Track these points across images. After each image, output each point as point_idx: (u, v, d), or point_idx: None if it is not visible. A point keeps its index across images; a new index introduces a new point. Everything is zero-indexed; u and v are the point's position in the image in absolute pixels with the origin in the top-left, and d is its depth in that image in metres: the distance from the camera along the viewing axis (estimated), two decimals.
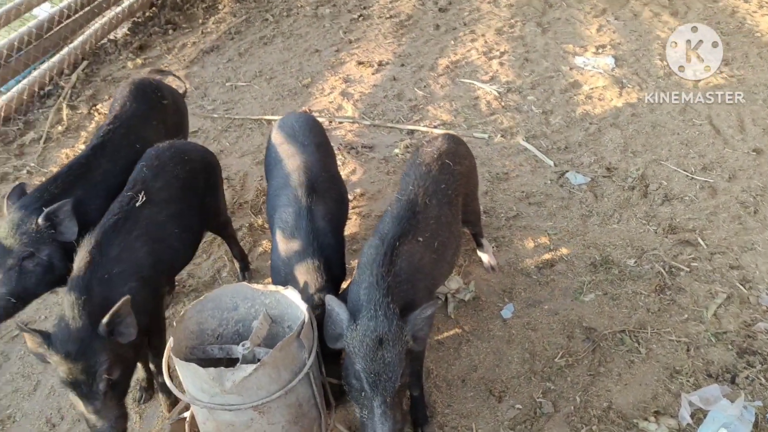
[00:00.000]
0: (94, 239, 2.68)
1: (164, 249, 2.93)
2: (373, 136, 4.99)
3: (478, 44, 6.07)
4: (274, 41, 6.63)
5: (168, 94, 3.77)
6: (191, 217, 3.13)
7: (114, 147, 3.29)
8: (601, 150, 4.51)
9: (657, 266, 3.57)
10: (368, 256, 2.60)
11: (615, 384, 3.02)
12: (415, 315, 2.40)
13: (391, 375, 2.33)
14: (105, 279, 2.61)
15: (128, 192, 2.88)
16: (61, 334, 2.43)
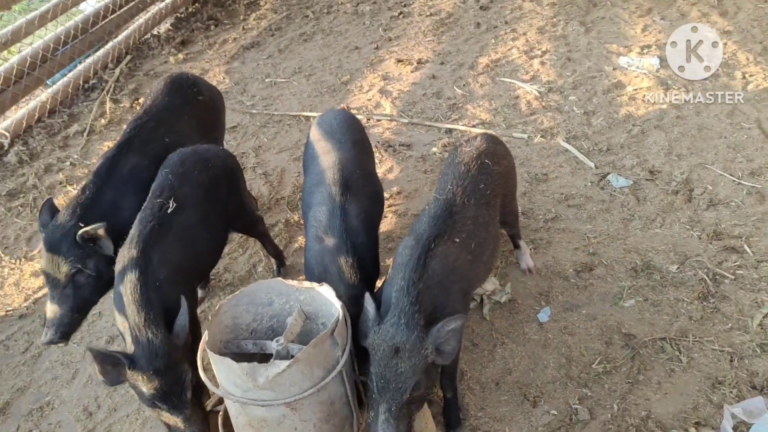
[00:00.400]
0: (136, 251, 2.66)
1: (195, 253, 2.94)
2: (410, 135, 4.96)
3: (519, 43, 5.99)
4: (314, 38, 6.64)
5: (205, 90, 3.78)
6: (216, 220, 3.13)
7: (142, 141, 3.31)
8: (644, 152, 4.40)
9: (700, 273, 3.46)
10: (402, 257, 2.58)
11: (654, 393, 2.93)
12: (438, 327, 2.35)
13: (401, 385, 2.31)
14: (158, 287, 2.61)
15: (157, 199, 2.87)
16: (144, 352, 2.44)
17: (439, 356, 2.38)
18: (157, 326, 2.49)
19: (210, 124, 3.76)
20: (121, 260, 2.68)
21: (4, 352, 3.59)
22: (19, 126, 5.31)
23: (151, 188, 2.97)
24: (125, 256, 2.68)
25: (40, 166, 5.03)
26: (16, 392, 3.36)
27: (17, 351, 3.59)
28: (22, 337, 3.66)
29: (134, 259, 2.62)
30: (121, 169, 3.15)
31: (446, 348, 2.38)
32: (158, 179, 3.00)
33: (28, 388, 3.37)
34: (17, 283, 4.04)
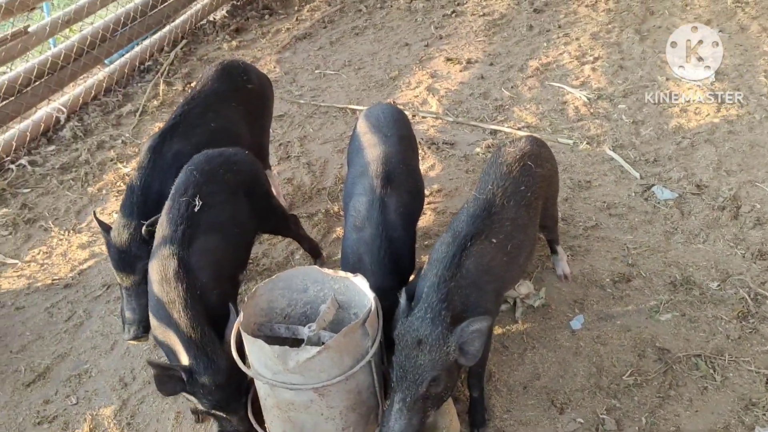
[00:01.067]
0: (174, 258, 2.65)
1: (226, 252, 2.94)
2: (455, 133, 4.96)
3: (571, 48, 5.92)
4: (366, 32, 6.68)
5: (255, 78, 3.83)
6: (243, 221, 3.11)
7: (188, 126, 3.37)
8: (692, 166, 4.32)
9: (741, 292, 3.39)
10: (438, 253, 2.60)
11: (685, 409, 2.89)
12: (462, 326, 2.36)
13: (418, 378, 2.34)
14: (200, 295, 2.63)
15: (182, 198, 2.85)
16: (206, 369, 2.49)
17: (462, 356, 2.39)
18: (213, 341, 2.53)
19: (258, 112, 3.81)
20: (158, 267, 2.67)
21: (48, 319, 3.72)
22: (76, 102, 5.48)
23: (175, 186, 2.94)
24: (161, 262, 2.67)
25: (93, 142, 5.19)
26: (56, 358, 3.48)
27: (60, 319, 3.71)
28: (65, 306, 3.78)
29: (174, 269, 2.62)
30: (165, 156, 3.22)
31: (470, 348, 2.38)
32: (182, 176, 2.96)
33: (68, 355, 3.49)
34: (65, 253, 4.18)
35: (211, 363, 2.51)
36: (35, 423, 3.15)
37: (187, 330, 2.51)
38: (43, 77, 5.25)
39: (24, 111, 5.17)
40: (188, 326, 2.52)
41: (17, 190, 4.76)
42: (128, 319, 3.07)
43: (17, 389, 3.33)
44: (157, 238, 2.78)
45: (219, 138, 3.35)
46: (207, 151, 3.13)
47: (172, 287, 2.58)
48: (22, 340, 3.60)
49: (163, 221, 2.80)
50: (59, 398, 3.27)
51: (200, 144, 3.23)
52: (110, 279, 3.93)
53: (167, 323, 2.56)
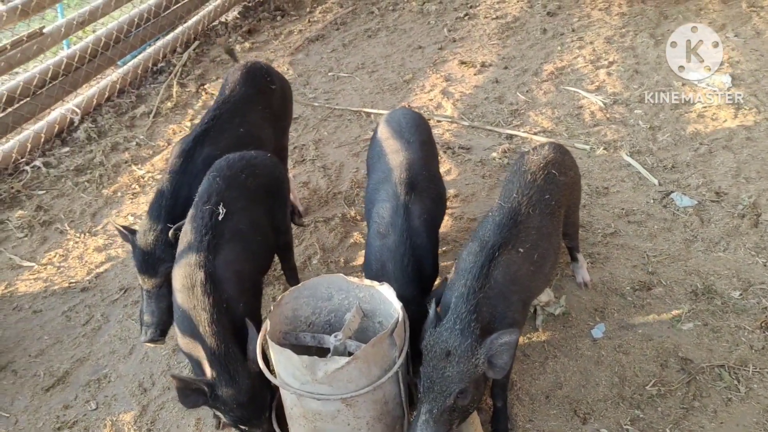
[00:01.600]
0: (201, 270, 2.62)
1: (250, 260, 2.91)
2: (470, 138, 4.95)
3: (585, 52, 5.90)
4: (378, 35, 6.67)
5: (277, 80, 3.84)
6: (266, 227, 3.08)
7: (218, 130, 3.38)
8: (710, 173, 4.29)
9: (764, 301, 3.37)
10: (465, 263, 2.59)
11: (710, 421, 2.87)
12: (492, 339, 2.35)
13: (446, 389, 2.33)
14: (226, 308, 2.60)
15: (206, 206, 2.82)
16: (228, 386, 2.48)
17: (491, 369, 2.38)
18: (236, 359, 2.51)
19: (280, 113, 3.82)
20: (183, 277, 2.64)
21: (66, 323, 3.71)
22: (90, 104, 5.47)
23: (198, 193, 2.93)
24: (187, 272, 2.63)
25: (107, 144, 5.18)
26: (75, 362, 3.47)
27: (78, 323, 3.71)
28: (83, 310, 3.78)
29: (201, 281, 2.59)
30: (196, 161, 3.22)
31: (499, 361, 2.37)
32: (205, 184, 2.94)
33: (87, 360, 3.49)
34: (81, 256, 4.17)
35: (233, 382, 2.48)
36: (55, 428, 3.14)
37: (211, 345, 2.49)
38: (58, 78, 5.25)
39: (39, 112, 5.16)
40: (213, 341, 2.49)
41: (32, 192, 4.75)
42: (146, 321, 3.06)
43: (36, 394, 3.32)
44: (181, 246, 2.76)
45: (246, 142, 3.35)
46: (228, 155, 3.11)
47: (198, 300, 2.55)
48: (40, 344, 3.59)
49: (187, 229, 2.78)
50: (79, 403, 3.26)
51: (228, 148, 3.22)
52: (127, 283, 3.92)
53: (192, 335, 2.53)
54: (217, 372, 2.48)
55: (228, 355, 2.50)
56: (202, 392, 2.47)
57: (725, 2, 6.37)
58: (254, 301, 2.87)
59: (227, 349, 2.50)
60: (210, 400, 2.49)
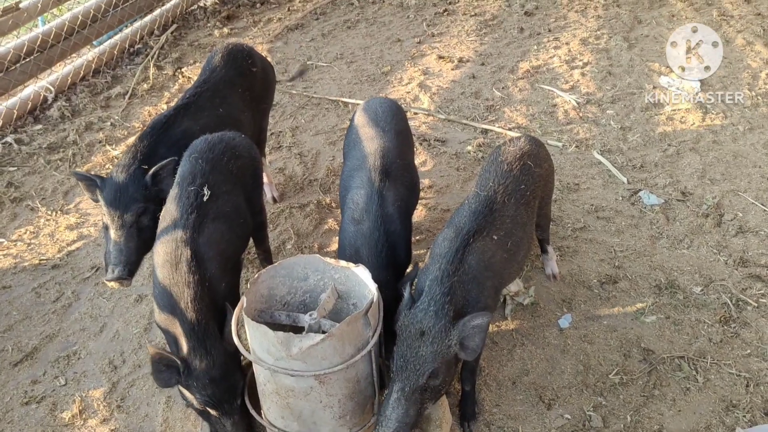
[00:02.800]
0: (186, 247, 2.62)
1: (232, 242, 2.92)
2: (446, 131, 5.01)
3: (561, 52, 6.01)
4: (358, 26, 6.70)
5: (259, 62, 3.86)
6: (244, 209, 3.11)
7: (198, 108, 3.42)
8: (677, 173, 4.42)
9: (724, 297, 3.50)
10: (440, 248, 2.65)
11: (668, 409, 2.98)
12: (464, 321, 2.41)
13: (419, 368, 2.38)
14: (209, 287, 2.61)
15: (191, 186, 2.82)
16: (202, 361, 2.48)
17: (462, 351, 2.44)
18: (214, 336, 2.52)
19: (261, 95, 3.84)
20: (167, 253, 2.64)
21: (36, 300, 3.68)
22: (64, 82, 5.41)
23: (180, 174, 2.92)
24: (172, 248, 2.63)
25: (81, 123, 5.13)
26: (44, 339, 3.45)
27: (48, 299, 3.68)
28: (53, 287, 3.75)
29: (187, 258, 2.60)
30: (175, 129, 3.26)
31: (470, 343, 2.43)
32: (187, 165, 2.93)
33: (56, 336, 3.47)
34: (52, 234, 4.13)
35: (208, 356, 2.49)
36: (23, 403, 3.12)
37: (191, 320, 2.50)
38: (33, 55, 5.18)
39: (12, 88, 5.09)
40: (193, 317, 2.50)
41: (3, 168, 4.69)
42: (113, 258, 2.98)
43: (4, 368, 3.30)
44: (164, 223, 2.77)
45: (225, 123, 3.38)
46: (207, 136, 3.11)
47: (182, 276, 2.56)
48: (8, 320, 3.56)
49: (171, 208, 2.78)
50: (47, 379, 3.24)
51: (207, 127, 3.25)
52: (99, 261, 3.90)
53: (172, 311, 2.54)
54: (193, 346, 2.49)
55: (206, 331, 2.51)
56: (176, 369, 2.47)
57: (697, 10, 6.55)
58: (235, 281, 2.89)
59: (206, 326, 2.52)
60: (183, 378, 2.49)
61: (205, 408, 2.57)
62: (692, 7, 6.60)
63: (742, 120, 4.93)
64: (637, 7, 6.74)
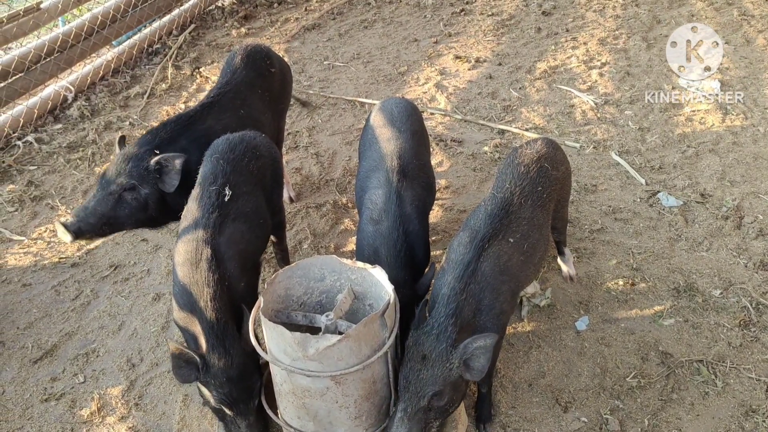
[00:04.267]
0: (207, 246, 2.63)
1: (252, 242, 2.94)
2: (463, 131, 5.00)
3: (579, 52, 5.98)
4: (374, 26, 6.70)
5: (276, 63, 3.89)
6: (265, 209, 3.12)
7: (221, 108, 3.47)
8: (696, 175, 4.38)
9: (744, 300, 3.46)
10: (456, 254, 2.63)
11: (687, 413, 2.95)
12: (466, 343, 2.38)
13: (420, 391, 2.38)
14: (228, 287, 2.62)
15: (212, 186, 2.85)
16: (220, 359, 2.50)
17: (467, 372, 2.42)
18: (232, 336, 2.54)
19: (279, 96, 3.87)
20: (187, 251, 2.65)
21: (55, 297, 3.72)
22: (84, 82, 5.47)
23: (201, 174, 2.95)
24: (193, 247, 2.65)
25: (100, 122, 5.18)
26: (63, 336, 3.48)
27: (67, 297, 3.72)
28: (73, 285, 3.79)
29: (207, 257, 2.61)
30: (199, 126, 3.31)
31: (475, 364, 2.40)
32: (209, 165, 2.96)
33: (75, 334, 3.50)
34: None
35: (227, 354, 2.52)
36: (42, 399, 3.16)
37: (210, 319, 2.52)
38: (53, 55, 5.23)
39: (33, 88, 5.15)
40: (212, 315, 2.52)
41: (23, 167, 4.74)
42: (76, 210, 3.07)
43: (24, 365, 3.34)
44: (185, 222, 2.79)
45: (246, 125, 3.41)
46: (228, 136, 3.14)
47: (202, 275, 2.58)
48: (28, 317, 3.60)
49: (192, 207, 2.81)
50: (66, 376, 3.28)
51: (227, 127, 3.29)
52: (118, 260, 3.94)
53: (191, 309, 2.56)
54: (212, 345, 2.51)
55: (225, 330, 2.53)
56: (195, 365, 2.50)
57: (717, 9, 6.48)
58: (254, 281, 2.91)
59: (225, 325, 2.54)
60: (201, 375, 2.52)
61: (221, 406, 2.58)
62: (712, 7, 6.54)
63: (762, 121, 4.87)
64: (656, 6, 6.68)
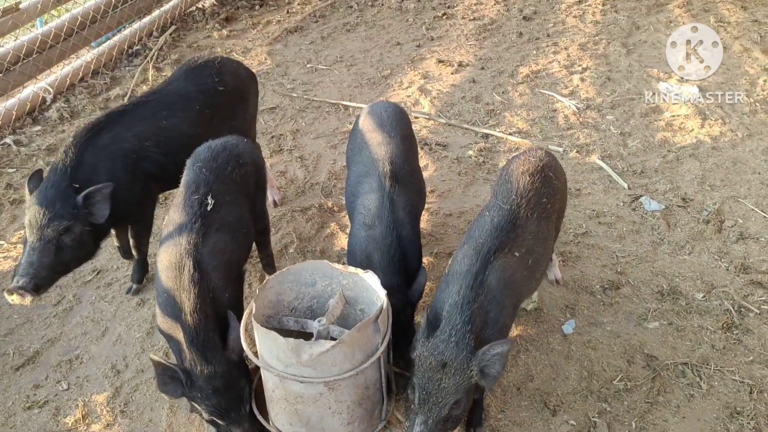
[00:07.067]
0: (188, 257, 2.60)
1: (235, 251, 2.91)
2: (447, 135, 5.02)
3: (560, 57, 6.03)
4: (357, 29, 6.70)
5: (231, 82, 3.72)
6: (248, 217, 3.10)
7: (136, 116, 3.37)
8: (677, 179, 4.45)
9: (726, 303, 3.52)
10: (460, 266, 2.58)
11: (672, 415, 2.99)
12: (484, 350, 2.36)
13: (441, 400, 2.35)
14: (212, 298, 2.59)
15: (194, 195, 2.83)
16: (203, 372, 2.46)
17: (483, 379, 2.40)
18: (215, 347, 2.50)
19: (229, 113, 3.72)
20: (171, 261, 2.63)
21: (37, 303, 3.63)
22: (63, 83, 5.38)
23: (183, 182, 2.93)
24: (176, 257, 2.62)
25: (80, 124, 5.07)
26: (46, 343, 3.42)
27: (49, 303, 3.65)
28: (54, 290, 3.70)
29: (189, 268, 2.58)
30: (104, 134, 3.22)
31: (491, 371, 2.39)
32: (191, 174, 2.93)
33: (58, 340, 3.44)
34: None
35: (210, 366, 2.48)
36: (25, 407, 3.10)
37: (192, 331, 2.48)
38: (32, 56, 5.15)
39: (11, 89, 5.06)
40: (194, 328, 2.48)
41: (2, 170, 4.66)
42: (22, 269, 2.94)
43: (6, 373, 3.27)
44: (168, 231, 2.75)
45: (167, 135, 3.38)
46: (210, 143, 3.10)
47: (184, 287, 2.54)
48: (9, 324, 3.53)
49: (174, 217, 2.77)
50: (50, 383, 3.22)
51: (143, 136, 3.29)
52: (100, 264, 3.89)
53: (174, 319, 2.52)
54: (194, 357, 2.47)
55: (206, 341, 2.49)
56: (180, 381, 2.46)
57: (694, 16, 6.58)
58: (239, 290, 2.88)
59: (206, 336, 2.50)
60: (187, 389, 2.48)
61: (212, 417, 2.55)
62: (689, 13, 6.64)
63: (740, 126, 4.96)
64: (634, 12, 6.78)
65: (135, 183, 3.31)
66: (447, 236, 4.04)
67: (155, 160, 3.36)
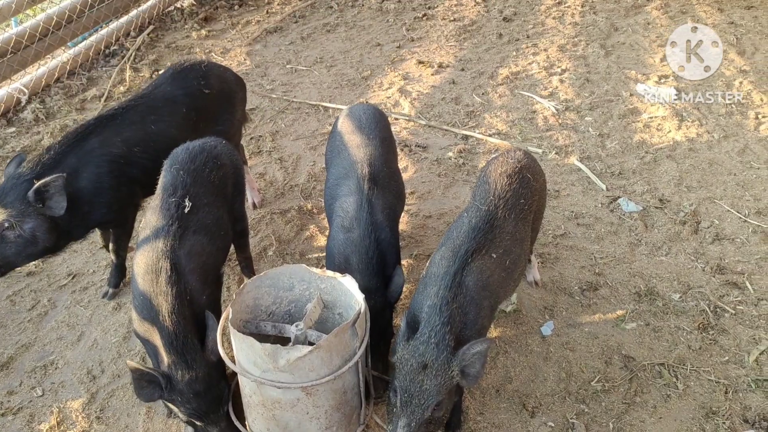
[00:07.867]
0: (166, 260, 2.58)
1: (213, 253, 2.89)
2: (427, 137, 5.02)
3: (539, 58, 6.06)
4: (337, 30, 6.68)
5: (216, 84, 3.71)
6: (226, 219, 3.08)
7: (125, 120, 3.34)
8: (655, 180, 4.49)
9: (702, 304, 3.55)
10: (438, 268, 2.58)
11: (650, 416, 3.02)
12: (464, 350, 2.37)
13: (424, 402, 2.35)
14: (189, 300, 2.56)
15: (171, 198, 2.80)
16: (183, 375, 2.43)
17: (464, 379, 2.41)
18: (194, 349, 2.47)
19: (215, 117, 3.70)
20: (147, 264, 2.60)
21: (11, 308, 3.60)
22: (38, 84, 5.31)
23: (161, 185, 2.91)
24: (153, 260, 2.60)
25: (55, 125, 5.03)
26: (20, 348, 3.37)
27: (23, 308, 3.60)
28: (29, 295, 3.67)
29: (167, 270, 2.56)
30: (91, 139, 3.19)
31: (471, 371, 2.39)
32: (168, 176, 2.91)
33: (32, 346, 3.39)
34: None
35: (190, 370, 2.46)
36: None
37: (170, 334, 2.45)
38: (6, 56, 5.07)
39: None
40: (172, 330, 2.45)
41: None
42: None
43: None
44: (145, 233, 2.72)
45: (155, 140, 3.35)
46: (188, 144, 3.07)
47: (161, 289, 2.51)
48: None
49: (151, 219, 2.74)
50: (24, 389, 3.17)
51: (133, 140, 3.26)
52: (76, 268, 3.84)
53: (152, 322, 2.49)
54: (173, 361, 2.44)
55: (186, 344, 2.47)
56: (158, 384, 2.43)
57: (672, 18, 6.65)
58: (216, 293, 2.86)
59: (185, 339, 2.48)
60: (166, 393, 2.46)
61: (191, 419, 2.53)
62: (667, 15, 6.71)
63: (717, 128, 5.01)
64: (613, 14, 6.83)
65: (120, 188, 3.28)
66: (427, 238, 4.04)
67: (142, 165, 3.32)
